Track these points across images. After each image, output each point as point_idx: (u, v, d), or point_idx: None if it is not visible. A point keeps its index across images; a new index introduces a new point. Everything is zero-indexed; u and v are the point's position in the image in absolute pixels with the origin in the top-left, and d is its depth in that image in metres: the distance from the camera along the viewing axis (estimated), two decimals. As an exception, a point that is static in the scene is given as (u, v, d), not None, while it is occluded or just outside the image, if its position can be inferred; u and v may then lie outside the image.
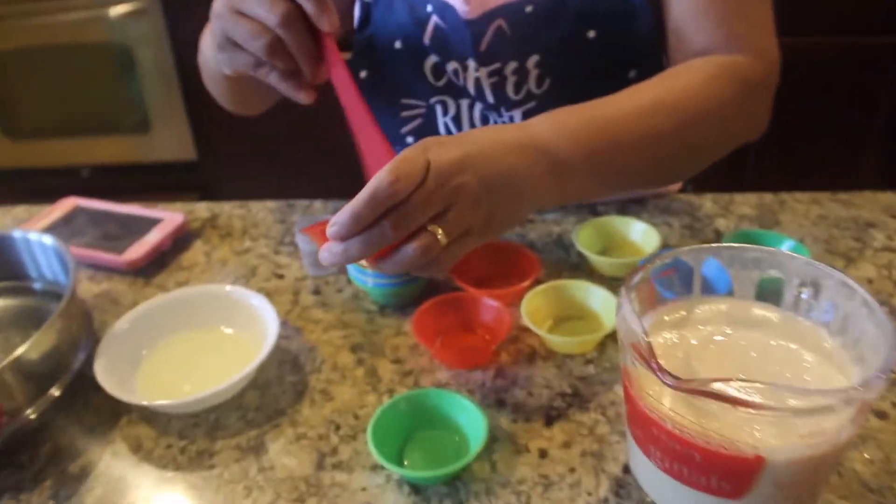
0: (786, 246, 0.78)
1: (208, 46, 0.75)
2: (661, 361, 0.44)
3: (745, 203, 0.92)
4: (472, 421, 0.59)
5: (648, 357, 0.45)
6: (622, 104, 0.64)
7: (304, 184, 2.05)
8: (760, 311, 0.56)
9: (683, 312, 0.56)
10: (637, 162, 0.64)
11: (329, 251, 0.52)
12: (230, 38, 0.64)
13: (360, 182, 0.53)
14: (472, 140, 0.56)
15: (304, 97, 0.67)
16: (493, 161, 0.55)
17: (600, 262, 0.78)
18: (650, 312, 0.55)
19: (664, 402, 0.47)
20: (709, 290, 0.57)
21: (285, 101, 0.85)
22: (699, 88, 0.66)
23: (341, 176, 1.96)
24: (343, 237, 0.51)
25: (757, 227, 0.87)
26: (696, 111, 0.65)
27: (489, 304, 0.70)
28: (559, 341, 0.68)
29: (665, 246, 0.81)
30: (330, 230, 0.51)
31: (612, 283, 0.78)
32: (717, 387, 0.42)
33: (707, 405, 0.45)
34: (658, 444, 0.49)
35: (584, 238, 0.80)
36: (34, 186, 2.23)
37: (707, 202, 0.93)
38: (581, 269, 0.81)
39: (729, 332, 0.54)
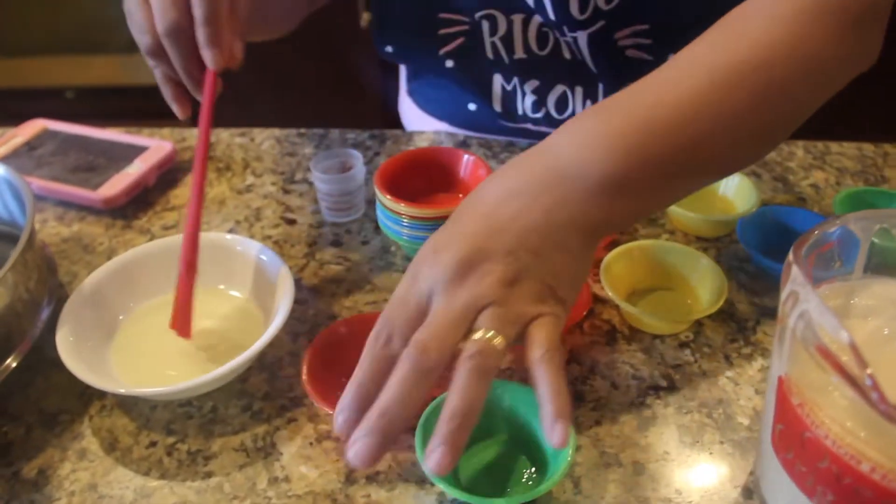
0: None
1: None
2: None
3: (843, 154, 0.77)
4: (548, 425, 0.45)
5: (859, 374, 0.30)
6: (683, 87, 0.45)
7: (314, 114, 1.88)
8: (944, 297, 0.42)
9: (840, 299, 0.42)
10: (725, 146, 0.47)
11: (360, 443, 0.40)
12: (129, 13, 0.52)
13: (385, 115, 0.38)
14: (467, 217, 0.44)
15: (176, 109, 0.55)
16: (509, 227, 0.43)
17: (690, 218, 0.63)
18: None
19: (856, 433, 0.33)
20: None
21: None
22: (784, 35, 0.46)
23: (357, 105, 1.80)
24: (358, 417, 0.41)
25: (862, 183, 0.72)
26: (784, 70, 0.46)
27: None
28: (652, 320, 0.54)
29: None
30: (338, 420, 0.41)
31: (700, 245, 0.63)
32: None
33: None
34: (834, 485, 0.35)
35: (664, 187, 0.65)
36: (14, 108, 2.07)
37: (798, 150, 0.77)
38: (658, 224, 0.66)
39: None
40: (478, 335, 0.40)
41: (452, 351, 0.40)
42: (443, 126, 0.81)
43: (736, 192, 0.66)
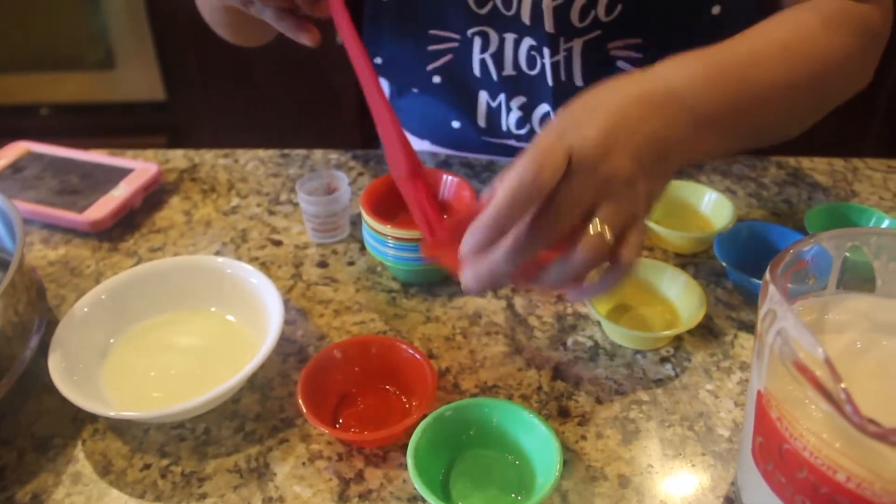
0: (885, 224, 0.66)
1: None
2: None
3: (815, 170, 0.80)
4: (536, 441, 0.46)
5: (834, 389, 0.32)
6: (754, 47, 0.53)
7: (292, 132, 1.89)
8: (913, 311, 0.44)
9: (815, 314, 0.44)
10: (770, 116, 0.54)
11: (474, 276, 0.44)
12: None
13: (362, 131, 0.39)
14: (604, 106, 0.46)
15: (306, 39, 0.56)
16: (637, 131, 0.45)
17: (669, 235, 0.65)
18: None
19: (832, 444, 0.35)
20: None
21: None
22: (825, 35, 0.56)
23: (339, 123, 1.80)
24: (482, 250, 0.43)
25: (833, 198, 0.75)
26: (824, 61, 0.55)
27: None
28: (633, 336, 0.56)
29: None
30: (466, 246, 0.43)
31: (679, 261, 0.65)
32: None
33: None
34: (811, 494, 0.37)
35: (642, 205, 0.67)
36: (-11, 125, 2.05)
37: (772, 167, 0.80)
38: (636, 241, 0.68)
39: (879, 340, 0.42)
40: (596, 225, 0.43)
41: (567, 232, 0.44)
42: (425, 144, 0.83)
43: (713, 209, 0.68)
